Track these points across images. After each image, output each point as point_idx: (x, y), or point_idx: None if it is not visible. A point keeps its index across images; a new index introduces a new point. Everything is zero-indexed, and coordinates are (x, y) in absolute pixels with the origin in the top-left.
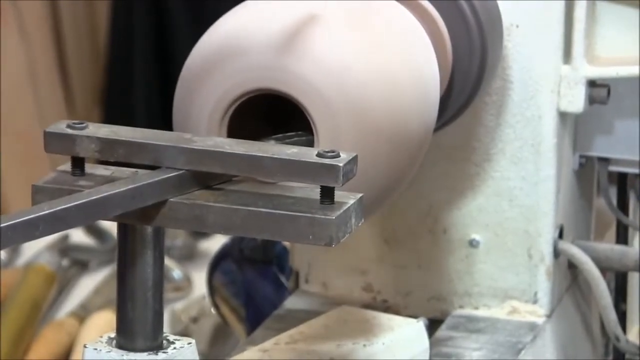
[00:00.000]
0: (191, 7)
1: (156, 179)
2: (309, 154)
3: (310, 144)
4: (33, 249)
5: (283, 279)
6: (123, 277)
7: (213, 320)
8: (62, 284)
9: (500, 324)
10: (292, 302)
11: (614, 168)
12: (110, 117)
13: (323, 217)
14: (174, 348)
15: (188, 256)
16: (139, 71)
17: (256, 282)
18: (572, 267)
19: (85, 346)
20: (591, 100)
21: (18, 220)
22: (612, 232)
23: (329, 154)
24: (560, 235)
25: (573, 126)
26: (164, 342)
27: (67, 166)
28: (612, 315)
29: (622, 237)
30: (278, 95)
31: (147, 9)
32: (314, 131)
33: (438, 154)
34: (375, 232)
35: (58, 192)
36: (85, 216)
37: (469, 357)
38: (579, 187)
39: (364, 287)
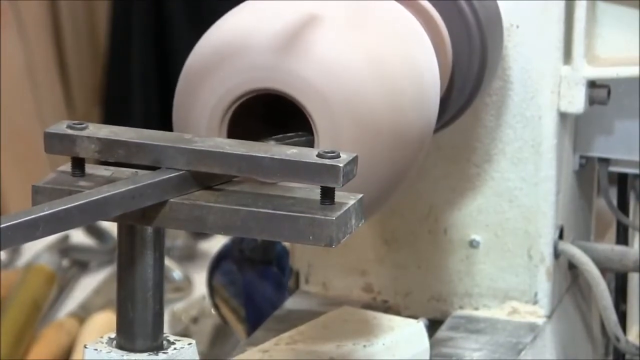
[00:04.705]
0: (190, 7)
1: (156, 179)
2: (309, 155)
3: (310, 144)
4: (33, 249)
5: (283, 279)
6: (123, 278)
7: (213, 320)
8: (62, 284)
9: (500, 325)
10: (292, 303)
11: (614, 168)
12: (109, 117)
13: (323, 217)
14: (174, 348)
15: (188, 257)
16: (139, 71)
17: (256, 282)
18: (572, 268)
19: (85, 346)
20: (591, 100)
21: (18, 221)
22: (612, 233)
23: (329, 154)
24: (561, 236)
25: (573, 127)
26: (164, 342)
27: (67, 167)
28: (612, 316)
29: (622, 237)
30: (278, 96)
31: (146, 9)
32: (314, 131)
33: (438, 155)
34: (375, 232)
35: (58, 192)
36: (86, 217)
37: (469, 358)
38: (579, 187)
39: (364, 288)
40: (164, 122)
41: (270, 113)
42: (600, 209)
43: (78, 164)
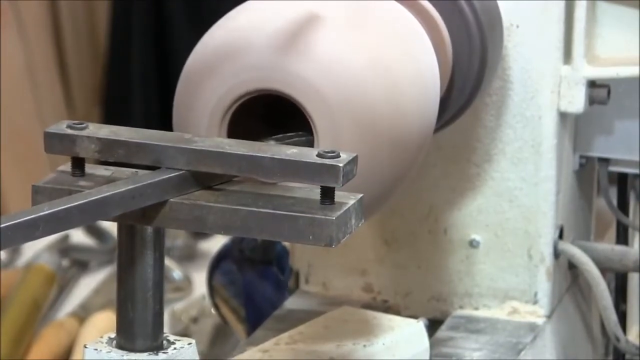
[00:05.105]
0: (190, 7)
1: (156, 179)
2: (309, 154)
3: (310, 144)
4: (33, 249)
5: (283, 279)
6: (123, 278)
7: (213, 320)
8: (62, 284)
9: (500, 325)
10: (292, 303)
11: (614, 168)
12: (109, 117)
13: (323, 217)
14: (174, 348)
15: (188, 256)
16: (139, 71)
17: (256, 282)
18: (572, 268)
19: (85, 346)
20: (591, 100)
21: (18, 221)
22: (612, 233)
23: (329, 154)
24: (561, 236)
25: (573, 126)
26: (164, 342)
27: (67, 166)
28: (612, 316)
29: (622, 237)
30: (278, 96)
31: (146, 9)
32: (314, 131)
33: (438, 155)
34: (375, 232)
35: (58, 192)
36: (86, 216)
37: (469, 358)
38: (579, 187)
39: (364, 288)
40: (164, 122)
41: (270, 113)
42: (600, 209)
43: (78, 164)
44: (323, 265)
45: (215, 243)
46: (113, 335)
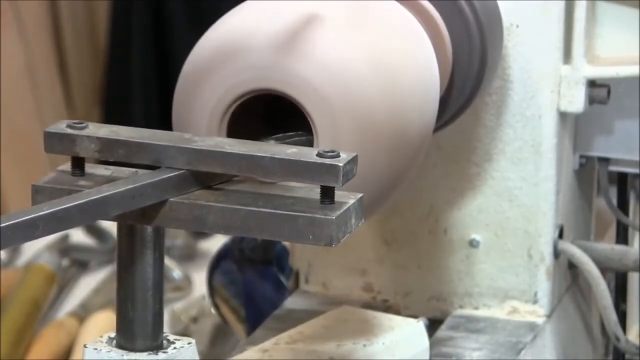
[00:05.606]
0: (190, 7)
1: (156, 178)
2: (309, 154)
3: (310, 144)
4: (33, 249)
5: (283, 279)
6: (123, 277)
7: (213, 320)
8: (62, 283)
9: (500, 324)
10: (292, 302)
11: (614, 168)
12: (109, 117)
13: (323, 217)
14: (174, 348)
15: (188, 256)
16: (139, 71)
17: (256, 282)
18: (572, 267)
19: (85, 346)
20: (591, 100)
21: (18, 220)
22: (612, 232)
23: (329, 153)
24: (560, 236)
25: (573, 126)
26: (164, 342)
27: (67, 166)
28: (612, 315)
29: (622, 237)
30: (278, 95)
31: (146, 9)
32: (314, 131)
33: (438, 154)
34: (375, 232)
35: (58, 192)
36: (85, 216)
37: (469, 357)
38: (579, 187)
39: (364, 287)
40: (164, 122)
41: (270, 113)
42: (600, 209)
43: (78, 164)
44: (323, 265)
45: (215, 243)
46: (113, 334)
